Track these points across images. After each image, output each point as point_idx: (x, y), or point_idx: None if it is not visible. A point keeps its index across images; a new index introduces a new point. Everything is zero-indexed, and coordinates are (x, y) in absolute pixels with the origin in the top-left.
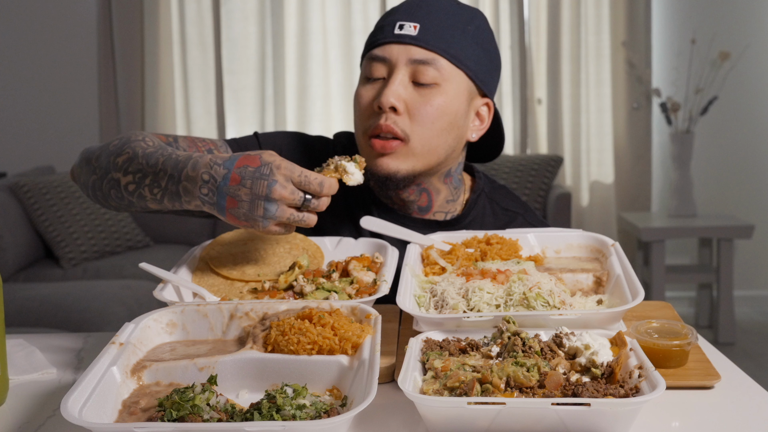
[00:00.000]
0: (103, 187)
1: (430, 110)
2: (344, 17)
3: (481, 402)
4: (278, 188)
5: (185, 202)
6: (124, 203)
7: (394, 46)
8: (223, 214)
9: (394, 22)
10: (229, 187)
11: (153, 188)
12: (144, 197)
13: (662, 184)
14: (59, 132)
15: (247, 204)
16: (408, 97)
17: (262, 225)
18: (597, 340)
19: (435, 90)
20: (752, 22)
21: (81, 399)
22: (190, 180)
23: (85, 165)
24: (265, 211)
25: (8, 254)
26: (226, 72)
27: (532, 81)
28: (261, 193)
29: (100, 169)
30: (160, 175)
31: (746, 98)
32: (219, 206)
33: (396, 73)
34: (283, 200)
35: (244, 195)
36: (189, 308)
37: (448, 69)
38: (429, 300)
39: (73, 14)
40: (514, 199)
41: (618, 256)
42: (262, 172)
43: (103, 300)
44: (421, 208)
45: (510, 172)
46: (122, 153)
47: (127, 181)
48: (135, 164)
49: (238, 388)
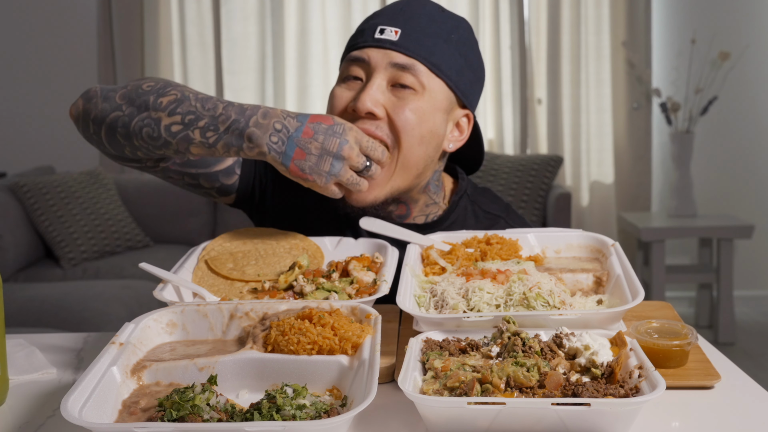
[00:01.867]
0: (133, 125)
1: (408, 117)
2: (344, 17)
3: (481, 402)
4: (347, 148)
5: (247, 149)
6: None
7: (374, 50)
8: (288, 164)
9: (375, 26)
10: (301, 139)
11: (207, 131)
12: (191, 140)
13: (662, 184)
14: (59, 132)
15: (315, 158)
16: (386, 101)
17: (325, 180)
18: (597, 341)
19: (414, 96)
20: (752, 22)
21: (81, 399)
22: (261, 127)
23: (101, 101)
24: (331, 167)
25: (8, 254)
26: (226, 72)
27: (532, 81)
28: (332, 149)
29: (130, 105)
30: (220, 119)
31: (746, 98)
32: (286, 155)
33: (374, 78)
34: (349, 160)
35: (314, 149)
36: (189, 308)
37: (427, 76)
38: (429, 300)
39: (73, 14)
40: (496, 201)
41: (618, 256)
42: (335, 130)
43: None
44: (400, 215)
45: (510, 172)
46: (166, 93)
47: (172, 121)
48: (185, 106)
49: (238, 388)
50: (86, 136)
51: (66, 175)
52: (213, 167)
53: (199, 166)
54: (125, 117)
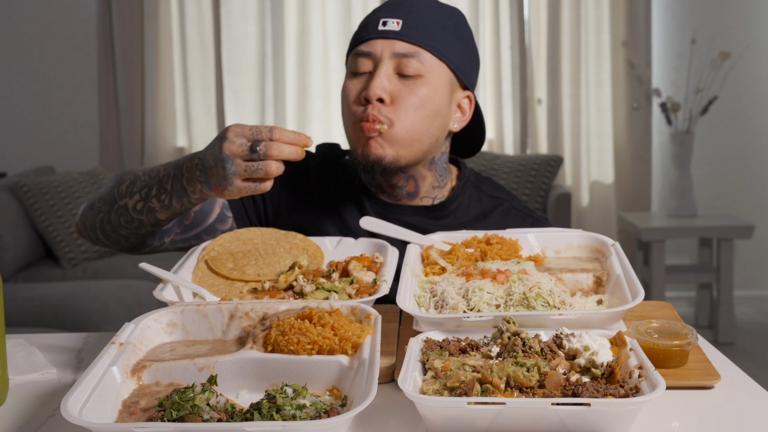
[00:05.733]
0: (112, 220)
1: (414, 99)
2: (344, 17)
3: (481, 402)
4: (227, 144)
5: (191, 193)
6: (134, 227)
7: (379, 42)
8: (212, 188)
9: (377, 20)
10: (205, 161)
11: (160, 195)
12: (153, 209)
13: (662, 184)
14: (59, 132)
15: (215, 169)
16: (393, 88)
17: (229, 182)
18: (597, 341)
19: (419, 81)
20: (752, 22)
21: (81, 399)
22: (189, 170)
23: (88, 210)
24: (224, 170)
25: (8, 254)
26: (226, 72)
27: (532, 81)
28: (217, 153)
29: (105, 204)
30: (164, 181)
31: (746, 98)
32: (207, 182)
33: (381, 67)
34: (233, 154)
35: (211, 161)
36: (189, 308)
37: (430, 61)
38: (429, 300)
39: (73, 14)
40: (499, 188)
41: (618, 256)
42: (220, 134)
43: (103, 300)
44: (409, 193)
45: (510, 172)
46: (123, 181)
47: (135, 201)
48: (138, 184)
49: (238, 388)
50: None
51: (66, 175)
52: (207, 221)
53: (196, 226)
54: (105, 215)
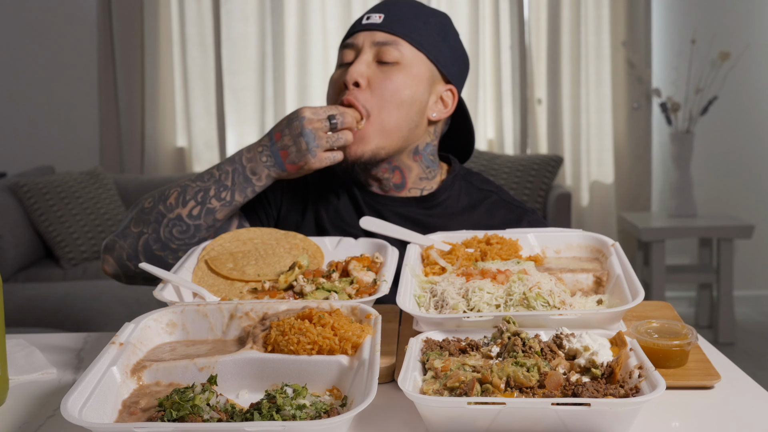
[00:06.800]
0: (162, 236)
1: (389, 84)
2: (344, 17)
3: (481, 402)
4: (306, 121)
5: (256, 181)
6: (189, 235)
7: (361, 33)
8: (283, 167)
9: (363, 17)
10: (276, 143)
11: (220, 194)
12: (212, 210)
13: (662, 184)
14: (59, 132)
15: (293, 147)
16: (370, 73)
17: (312, 155)
18: (597, 341)
19: (396, 67)
20: (752, 22)
21: (81, 399)
22: (252, 160)
23: (121, 240)
24: (307, 143)
25: (8, 254)
26: (226, 72)
27: (532, 81)
28: (297, 131)
29: (148, 225)
30: (222, 179)
31: (746, 98)
32: (278, 163)
33: (361, 55)
34: (315, 128)
35: (288, 141)
36: (189, 308)
37: (409, 52)
38: (429, 300)
39: (73, 14)
40: (488, 182)
41: (618, 256)
42: (290, 118)
43: (103, 300)
44: (396, 185)
45: (510, 172)
46: (168, 196)
47: (190, 208)
48: (190, 192)
49: (238, 388)
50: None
51: (66, 175)
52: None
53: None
54: (152, 235)
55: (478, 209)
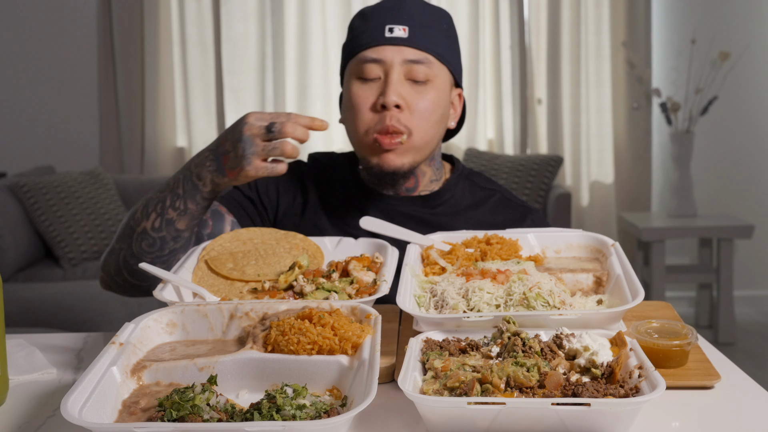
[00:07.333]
0: (135, 251)
1: (426, 105)
2: (344, 17)
3: (481, 402)
4: (247, 127)
5: (202, 187)
6: (156, 248)
7: (388, 48)
8: (224, 173)
9: (382, 25)
10: (219, 148)
11: (175, 203)
12: (171, 221)
13: (662, 184)
14: (59, 132)
15: (233, 152)
16: (406, 93)
17: (247, 161)
18: (597, 341)
19: (428, 86)
20: (752, 22)
21: (81, 399)
22: (199, 165)
23: (108, 257)
24: (243, 150)
25: (8, 254)
26: (226, 72)
27: (532, 81)
28: (237, 136)
29: (124, 240)
30: (175, 187)
31: (746, 98)
32: (219, 168)
33: (392, 73)
34: (253, 135)
35: (229, 146)
36: (189, 308)
37: (436, 66)
38: (429, 300)
39: (73, 14)
40: (491, 181)
41: (618, 256)
42: (236, 122)
43: (103, 300)
44: (408, 189)
45: (510, 172)
46: (136, 210)
47: (152, 220)
48: (152, 203)
49: (238, 388)
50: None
51: (66, 175)
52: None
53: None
54: (128, 250)
55: (482, 207)
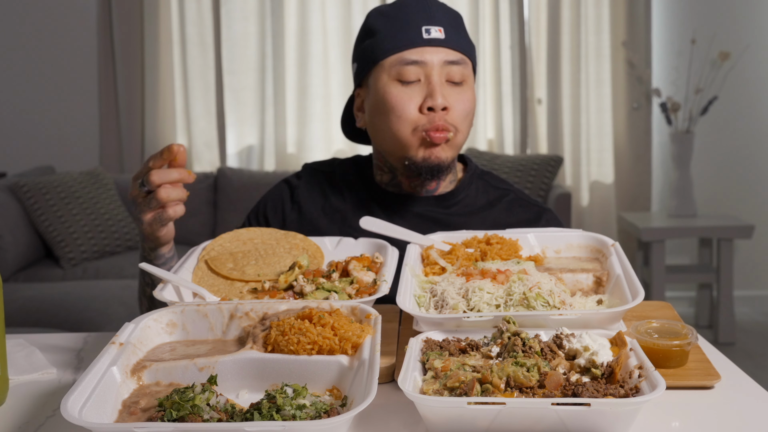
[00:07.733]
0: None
1: (465, 105)
2: (344, 17)
3: (481, 402)
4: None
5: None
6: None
7: (428, 50)
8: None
9: (417, 26)
10: None
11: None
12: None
13: (662, 184)
14: (59, 132)
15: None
16: (447, 95)
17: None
18: (597, 341)
19: (465, 86)
20: (752, 22)
21: (81, 399)
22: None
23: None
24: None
25: (8, 254)
26: (226, 72)
27: (532, 81)
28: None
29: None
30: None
31: (746, 98)
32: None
33: (434, 75)
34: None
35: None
36: (189, 308)
37: (469, 66)
38: (429, 300)
39: (73, 14)
40: (503, 181)
41: (618, 256)
42: None
43: (103, 300)
44: (428, 190)
45: (510, 172)
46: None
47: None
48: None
49: (238, 388)
50: None
51: (66, 175)
52: None
53: None
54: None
55: (497, 207)
